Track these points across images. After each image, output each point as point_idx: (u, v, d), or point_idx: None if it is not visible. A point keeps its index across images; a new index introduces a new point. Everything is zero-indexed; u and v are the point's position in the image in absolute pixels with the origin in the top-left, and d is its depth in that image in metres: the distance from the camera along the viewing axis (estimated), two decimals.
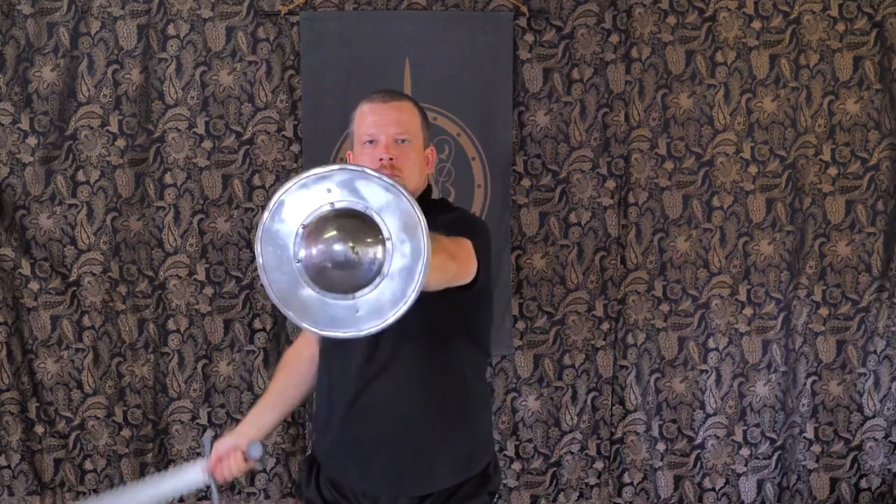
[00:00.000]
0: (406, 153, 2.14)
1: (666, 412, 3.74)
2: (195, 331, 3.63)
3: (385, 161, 2.11)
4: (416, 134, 2.18)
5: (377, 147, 2.14)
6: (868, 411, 3.75)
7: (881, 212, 3.69)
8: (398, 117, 2.16)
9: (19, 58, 3.52)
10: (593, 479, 3.75)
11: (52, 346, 3.61)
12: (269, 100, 3.56)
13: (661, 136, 3.64)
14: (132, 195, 3.58)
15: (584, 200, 3.65)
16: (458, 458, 2.22)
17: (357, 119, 2.20)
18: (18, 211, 3.56)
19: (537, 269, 3.67)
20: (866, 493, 3.79)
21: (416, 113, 2.21)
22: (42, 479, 3.65)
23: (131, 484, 2.34)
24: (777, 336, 3.72)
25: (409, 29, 3.54)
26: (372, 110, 2.17)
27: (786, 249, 3.69)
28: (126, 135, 3.56)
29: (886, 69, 3.64)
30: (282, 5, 3.52)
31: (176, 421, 3.66)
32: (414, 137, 2.17)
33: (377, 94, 2.21)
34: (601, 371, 3.71)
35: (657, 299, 3.70)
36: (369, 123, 2.16)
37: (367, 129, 2.15)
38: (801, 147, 3.66)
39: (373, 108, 2.17)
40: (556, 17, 3.58)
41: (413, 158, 2.15)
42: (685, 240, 3.68)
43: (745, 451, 3.76)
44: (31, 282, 3.57)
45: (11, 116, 3.53)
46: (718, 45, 3.61)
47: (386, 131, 2.14)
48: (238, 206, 3.59)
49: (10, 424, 3.61)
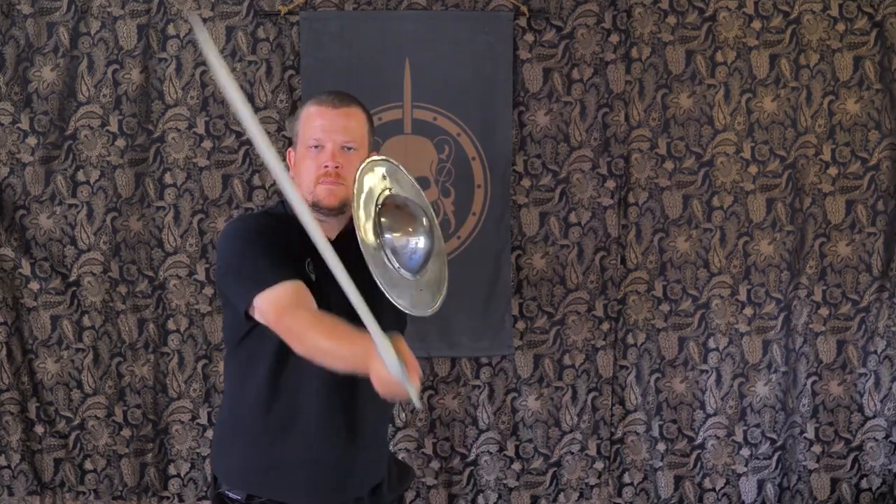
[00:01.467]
0: (351, 162, 2.12)
1: (666, 412, 3.74)
2: (195, 331, 3.63)
3: (330, 169, 2.11)
4: (362, 142, 2.17)
5: (322, 153, 2.12)
6: (868, 411, 3.76)
7: (881, 212, 3.70)
8: (346, 124, 2.14)
9: (19, 58, 3.52)
10: (593, 480, 3.76)
11: (52, 346, 3.61)
12: (269, 99, 3.57)
13: (661, 136, 3.65)
14: (132, 195, 3.59)
15: (584, 200, 3.66)
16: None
17: (303, 120, 2.18)
18: (18, 211, 3.56)
19: (537, 269, 3.67)
20: (867, 493, 3.79)
21: (364, 120, 2.19)
22: (42, 478, 3.65)
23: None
24: (777, 336, 3.72)
25: (409, 29, 3.55)
26: (320, 114, 2.14)
27: (786, 249, 3.69)
28: (126, 135, 3.56)
29: (886, 69, 3.64)
30: (282, 5, 3.53)
31: (176, 421, 3.66)
32: (360, 146, 2.16)
33: (327, 98, 2.18)
34: (601, 371, 3.72)
35: (657, 299, 3.70)
36: (317, 128, 2.13)
37: (314, 134, 2.13)
38: (801, 147, 3.66)
39: (321, 111, 2.15)
40: (556, 16, 3.59)
41: (357, 167, 2.11)
42: (685, 240, 3.68)
43: (746, 451, 3.76)
44: (31, 282, 3.58)
45: (11, 116, 3.53)
46: (718, 44, 3.62)
47: (333, 138, 2.13)
48: (238, 206, 3.60)
49: (10, 424, 3.62)
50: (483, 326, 3.62)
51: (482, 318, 3.61)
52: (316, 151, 2.13)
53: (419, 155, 3.52)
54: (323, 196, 2.11)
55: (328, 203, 2.11)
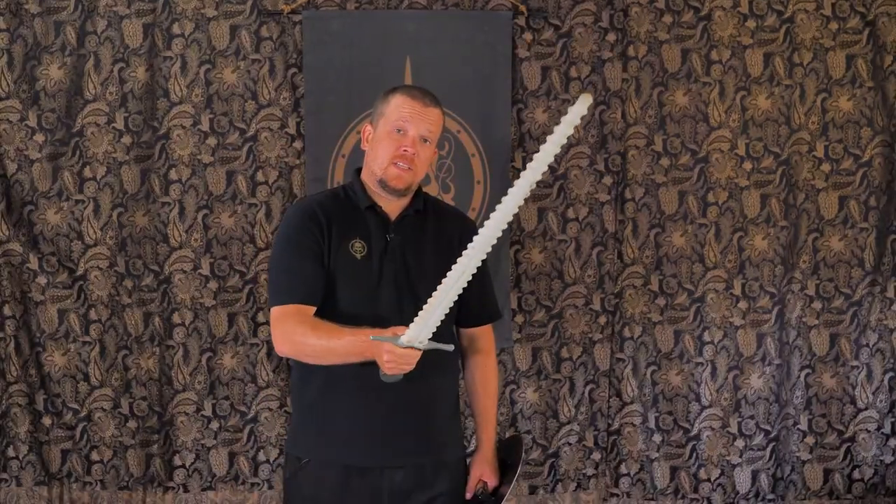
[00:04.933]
0: (425, 153, 2.34)
1: (662, 404, 3.78)
2: (200, 324, 3.67)
3: (409, 152, 2.30)
4: (436, 138, 2.37)
5: (405, 137, 2.30)
6: (861, 403, 3.80)
7: (873, 207, 3.74)
8: (434, 120, 2.34)
9: (27, 56, 3.56)
10: (591, 470, 3.80)
11: (60, 339, 3.66)
12: (272, 97, 3.61)
13: (657, 133, 3.69)
14: (138, 191, 3.63)
15: (582, 196, 3.70)
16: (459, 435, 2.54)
17: (393, 104, 2.33)
18: (26, 206, 3.61)
19: (535, 264, 3.72)
20: (859, 483, 3.83)
21: (442, 122, 2.39)
22: (49, 469, 3.70)
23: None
24: (771, 329, 3.76)
25: (410, 28, 3.58)
26: (412, 104, 2.32)
27: (780, 244, 3.73)
28: (132, 132, 3.60)
29: (879, 67, 3.68)
30: (285, 4, 3.57)
31: (181, 413, 3.70)
32: (434, 141, 2.36)
33: (419, 92, 2.36)
34: (598, 364, 3.75)
35: (653, 293, 3.74)
36: (406, 114, 2.31)
37: (403, 119, 2.31)
38: (794, 144, 3.71)
39: (413, 103, 2.32)
40: (554, 16, 3.63)
41: (426, 159, 2.34)
42: (681, 235, 3.73)
43: (740, 442, 3.80)
44: (38, 276, 3.62)
45: (19, 114, 3.57)
46: (714, 43, 3.66)
47: (418, 127, 2.31)
48: (242, 202, 3.64)
49: (18, 416, 3.67)
50: None
51: None
52: (399, 135, 2.31)
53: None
54: (393, 177, 2.31)
55: (395, 185, 2.31)
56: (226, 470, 3.73)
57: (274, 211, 3.63)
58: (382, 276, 2.31)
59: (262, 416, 3.70)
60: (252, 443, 3.73)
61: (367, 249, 2.32)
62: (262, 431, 3.72)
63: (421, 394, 2.33)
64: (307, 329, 2.23)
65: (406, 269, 2.33)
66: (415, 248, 2.36)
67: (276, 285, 2.33)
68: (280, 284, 2.31)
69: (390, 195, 2.34)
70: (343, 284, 2.30)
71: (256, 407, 3.70)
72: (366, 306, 2.29)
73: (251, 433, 3.72)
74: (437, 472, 2.39)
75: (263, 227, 3.64)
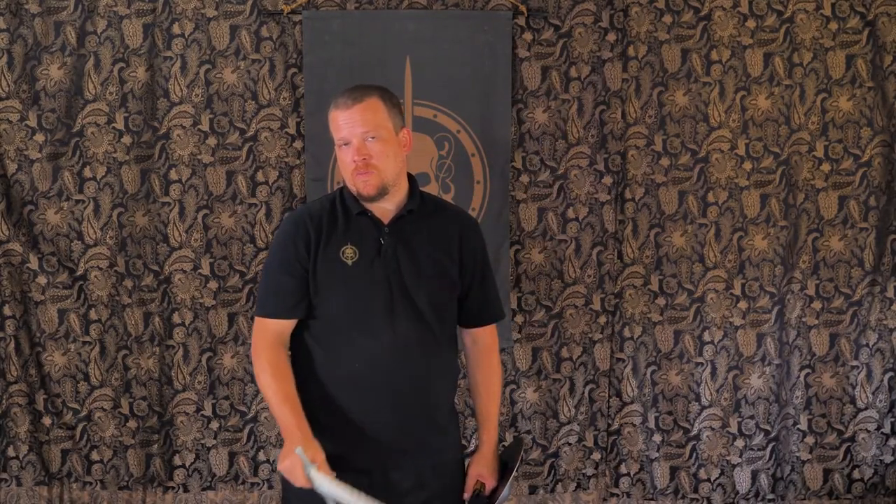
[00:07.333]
0: (377, 148, 2.31)
1: (662, 404, 3.79)
2: (200, 324, 3.68)
3: (359, 162, 2.30)
4: (383, 126, 2.33)
5: (350, 148, 2.32)
6: (860, 403, 3.81)
7: (873, 207, 3.74)
8: (363, 117, 2.30)
9: (27, 56, 3.57)
10: (590, 470, 3.80)
11: (60, 339, 3.66)
12: (272, 97, 3.61)
13: (657, 133, 3.69)
14: (138, 191, 3.63)
15: (582, 196, 3.70)
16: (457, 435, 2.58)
17: (330, 123, 2.37)
18: (26, 206, 3.61)
19: (536, 264, 3.72)
20: (859, 483, 3.84)
21: (381, 105, 2.34)
22: (49, 469, 3.70)
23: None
24: (771, 329, 3.77)
25: (410, 28, 3.58)
26: (339, 114, 2.33)
27: (780, 244, 3.74)
28: (132, 132, 3.61)
29: (878, 67, 3.69)
30: (285, 4, 3.57)
31: (181, 412, 3.71)
32: (382, 130, 2.32)
33: (342, 98, 2.35)
34: (598, 364, 3.76)
35: (653, 293, 3.75)
36: (339, 127, 2.33)
37: (339, 133, 2.33)
38: (794, 144, 3.71)
39: (339, 112, 2.33)
40: (554, 16, 3.63)
41: (385, 151, 2.32)
42: (681, 235, 3.73)
43: (740, 442, 3.81)
44: (38, 276, 3.62)
45: (19, 114, 3.58)
46: (713, 43, 3.66)
47: (354, 132, 2.31)
48: (242, 202, 3.64)
49: (19, 416, 3.67)
50: None
51: None
52: (346, 148, 2.33)
53: (420, 151, 3.56)
54: (361, 188, 2.34)
55: (367, 192, 2.33)
56: (226, 470, 3.73)
57: (274, 211, 3.64)
58: (374, 279, 2.33)
59: (262, 415, 3.71)
60: (252, 443, 3.73)
61: (359, 254, 2.35)
62: (262, 431, 3.72)
63: (420, 394, 2.35)
64: (268, 367, 2.33)
65: (399, 271, 2.35)
66: (410, 248, 2.37)
67: (258, 295, 2.46)
68: (260, 296, 2.43)
69: (371, 201, 2.37)
70: (335, 291, 2.34)
71: (256, 407, 3.71)
72: (358, 310, 2.33)
73: (251, 433, 3.73)
74: (435, 473, 2.40)
75: (263, 227, 3.64)
